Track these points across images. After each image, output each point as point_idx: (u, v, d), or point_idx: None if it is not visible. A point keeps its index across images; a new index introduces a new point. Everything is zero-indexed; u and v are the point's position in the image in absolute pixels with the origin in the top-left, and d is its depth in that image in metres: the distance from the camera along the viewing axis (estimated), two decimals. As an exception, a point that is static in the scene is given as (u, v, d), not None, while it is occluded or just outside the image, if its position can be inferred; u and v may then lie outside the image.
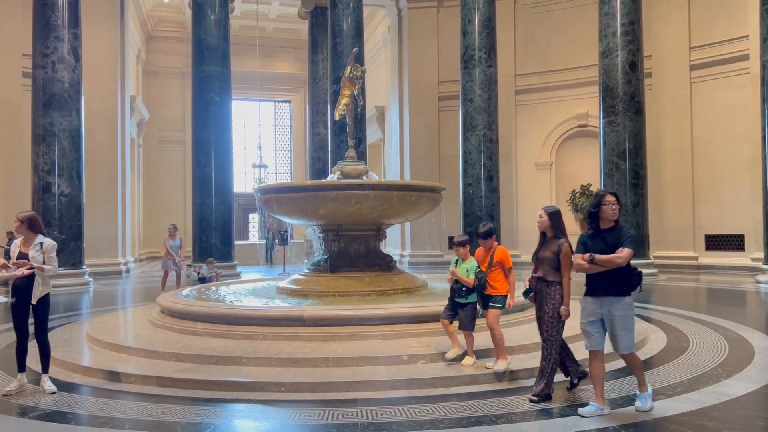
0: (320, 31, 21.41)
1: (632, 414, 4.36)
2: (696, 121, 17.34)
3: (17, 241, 5.37)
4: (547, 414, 4.44)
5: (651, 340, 6.89)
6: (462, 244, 5.85)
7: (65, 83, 14.33)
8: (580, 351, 5.25)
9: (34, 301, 5.20)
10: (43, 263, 5.19)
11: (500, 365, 5.33)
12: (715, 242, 17.00)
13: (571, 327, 5.37)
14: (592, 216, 4.60)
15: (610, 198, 4.51)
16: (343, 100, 9.31)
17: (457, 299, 5.69)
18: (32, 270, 5.15)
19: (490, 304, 5.48)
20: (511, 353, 5.85)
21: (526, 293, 5.22)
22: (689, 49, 17.35)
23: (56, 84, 14.26)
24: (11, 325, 5.33)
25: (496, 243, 5.71)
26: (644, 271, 14.75)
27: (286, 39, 30.71)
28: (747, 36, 15.81)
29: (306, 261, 15.36)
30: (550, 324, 4.86)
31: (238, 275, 15.65)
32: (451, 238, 19.25)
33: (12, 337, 7.87)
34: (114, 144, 18.98)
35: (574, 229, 20.25)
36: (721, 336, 7.23)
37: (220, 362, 5.64)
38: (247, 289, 9.53)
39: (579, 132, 19.88)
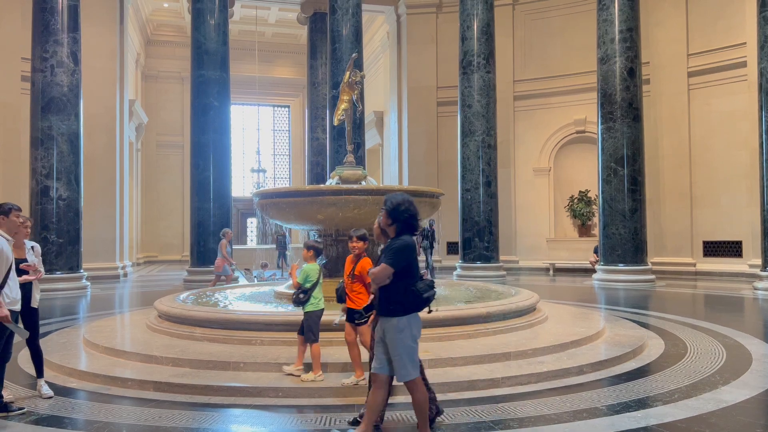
0: (319, 37, 21.47)
1: (626, 421, 4.36)
2: (694, 127, 17.40)
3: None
4: (545, 420, 4.43)
5: (649, 347, 6.89)
6: (308, 247, 5.53)
7: (64, 87, 14.33)
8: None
9: (36, 305, 5.19)
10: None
11: (351, 379, 5.09)
12: (713, 248, 17.03)
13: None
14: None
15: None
16: (342, 105, 9.32)
17: (295, 305, 5.38)
18: (41, 274, 5.20)
19: (355, 318, 4.99)
20: (509, 359, 5.85)
21: (367, 309, 4.82)
22: (687, 55, 17.43)
23: (55, 88, 14.26)
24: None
25: (365, 253, 5.11)
26: (642, 277, 14.94)
27: (285, 44, 30.79)
28: (745, 43, 15.88)
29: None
30: None
31: (236, 280, 15.62)
32: (449, 244, 19.11)
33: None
34: (113, 148, 18.98)
35: (573, 235, 20.29)
36: (719, 342, 7.23)
37: (218, 367, 5.62)
38: (245, 294, 9.52)
39: (577, 138, 19.93)
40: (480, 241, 16.75)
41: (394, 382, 4.02)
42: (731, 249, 16.68)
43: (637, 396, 4.99)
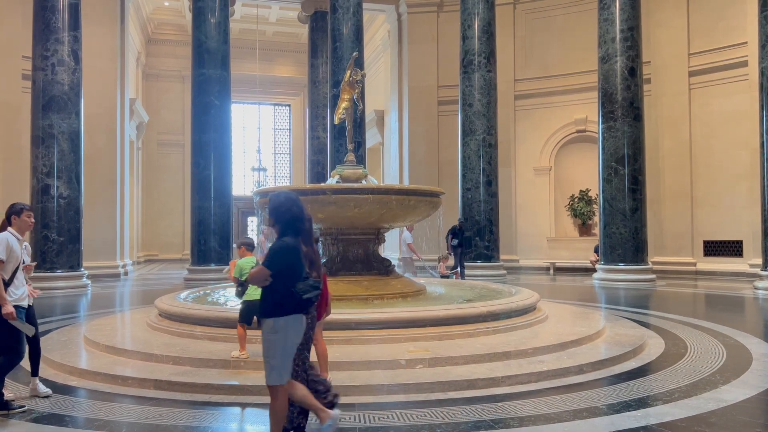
0: (320, 35, 21.46)
1: (626, 420, 4.36)
2: (695, 127, 17.39)
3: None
4: (545, 419, 4.44)
5: (649, 346, 6.89)
6: (239, 245, 6.01)
7: (65, 86, 14.34)
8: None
9: (30, 302, 5.20)
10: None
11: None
12: (714, 248, 17.03)
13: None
14: None
15: None
16: (343, 104, 9.32)
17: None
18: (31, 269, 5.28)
19: None
20: (509, 358, 5.85)
21: None
22: (688, 55, 17.42)
23: (56, 86, 14.27)
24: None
25: None
26: (642, 276, 14.95)
27: (286, 43, 30.78)
28: (746, 42, 15.88)
29: None
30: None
31: None
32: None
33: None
34: (113, 146, 18.99)
35: (573, 234, 20.29)
36: (719, 342, 7.23)
37: (218, 366, 5.63)
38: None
39: (578, 137, 19.92)
40: (480, 240, 16.76)
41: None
42: (732, 249, 16.67)
43: (637, 395, 4.99)
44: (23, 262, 5.15)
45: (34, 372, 5.21)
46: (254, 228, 32.58)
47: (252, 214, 31.15)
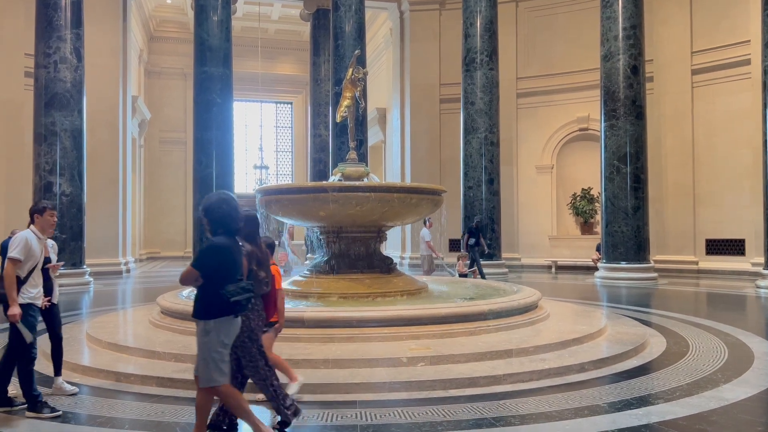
0: (322, 33, 21.45)
1: (627, 419, 4.36)
2: (697, 125, 17.37)
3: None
4: (546, 417, 4.44)
5: (650, 344, 6.89)
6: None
7: (67, 83, 14.35)
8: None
9: (56, 300, 5.30)
10: None
11: (293, 387, 4.80)
12: (716, 247, 17.01)
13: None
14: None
15: None
16: (345, 102, 9.32)
17: None
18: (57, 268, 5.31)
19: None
20: (511, 356, 5.86)
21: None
22: (691, 53, 17.39)
23: (58, 84, 14.28)
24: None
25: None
26: (644, 275, 14.94)
27: (288, 40, 30.76)
28: (749, 41, 15.84)
29: (306, 262, 15.33)
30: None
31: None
32: (451, 241, 18.97)
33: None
34: (115, 144, 19.01)
35: (575, 233, 20.27)
36: (721, 341, 7.23)
37: (220, 363, 5.64)
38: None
39: (580, 135, 19.90)
40: (483, 237, 16.73)
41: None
42: (734, 247, 16.66)
43: (638, 393, 4.99)
44: (49, 261, 5.17)
45: (57, 371, 5.19)
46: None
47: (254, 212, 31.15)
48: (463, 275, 13.23)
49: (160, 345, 6.27)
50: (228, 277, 3.67)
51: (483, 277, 14.51)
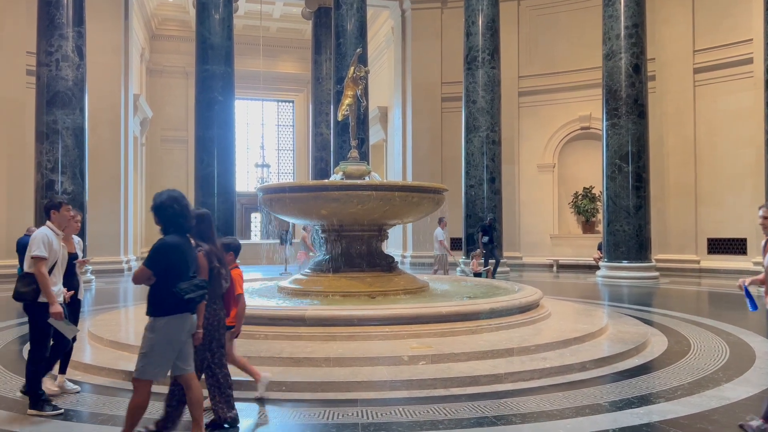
0: (324, 32, 21.43)
1: (628, 417, 4.36)
2: (699, 124, 17.34)
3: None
4: (547, 416, 4.44)
5: (652, 344, 6.89)
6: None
7: (69, 81, 14.35)
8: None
9: (81, 296, 5.34)
10: None
11: (260, 388, 4.84)
12: (718, 246, 16.99)
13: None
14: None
15: None
16: (346, 101, 9.32)
17: None
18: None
19: None
20: (512, 355, 5.86)
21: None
22: (693, 52, 17.36)
23: (60, 82, 14.27)
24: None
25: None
26: (646, 274, 14.88)
27: (290, 39, 30.72)
28: (751, 39, 15.80)
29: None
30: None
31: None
32: (453, 240, 18.90)
33: (10, 335, 7.91)
34: (117, 142, 19.02)
35: (577, 232, 20.26)
36: (722, 340, 7.23)
37: (221, 361, 5.64)
38: (248, 289, 9.54)
39: (582, 134, 19.87)
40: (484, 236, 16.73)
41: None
42: (736, 246, 16.63)
43: (639, 392, 4.99)
44: (77, 257, 5.16)
45: (62, 369, 5.19)
46: (258, 224, 32.65)
47: (255, 211, 31.19)
48: (477, 274, 13.08)
49: (162, 343, 6.27)
50: (180, 274, 3.71)
51: (494, 275, 14.36)
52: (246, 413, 4.60)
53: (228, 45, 16.53)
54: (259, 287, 9.73)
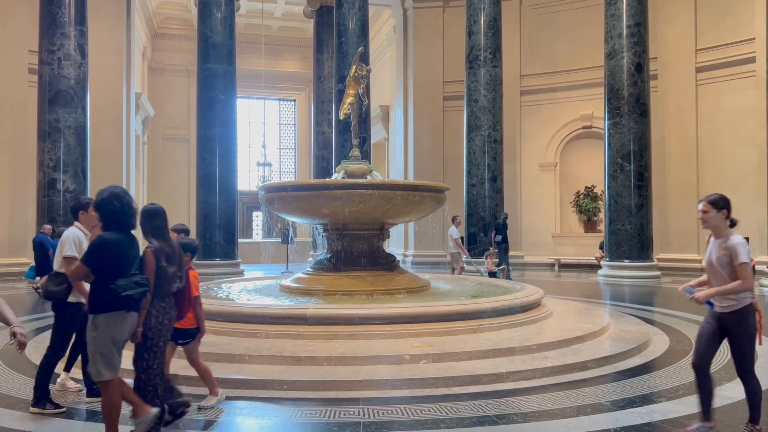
0: (325, 30, 21.43)
1: (630, 417, 4.36)
2: (701, 123, 17.30)
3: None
4: (549, 415, 4.44)
5: (653, 343, 6.88)
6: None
7: (71, 80, 14.38)
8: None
9: None
10: None
11: (211, 400, 4.71)
12: (720, 245, 16.92)
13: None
14: None
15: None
16: (348, 100, 9.33)
17: None
18: None
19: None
20: (513, 354, 5.86)
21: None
22: (695, 51, 17.31)
23: (62, 80, 14.30)
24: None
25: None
26: (647, 273, 14.85)
27: (292, 38, 30.72)
28: (753, 38, 15.75)
29: (309, 260, 15.33)
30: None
31: (241, 273, 15.69)
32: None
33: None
34: (119, 141, 19.03)
35: (578, 231, 20.24)
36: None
37: (223, 360, 5.65)
38: (250, 287, 9.56)
39: (584, 133, 19.85)
40: (485, 236, 16.73)
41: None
42: (738, 246, 16.57)
43: (641, 392, 4.99)
44: None
45: (68, 367, 5.20)
46: (260, 223, 32.67)
47: (257, 209, 31.23)
48: (492, 274, 12.97)
49: (164, 341, 6.28)
50: (119, 272, 3.67)
51: (508, 275, 14.25)
52: (244, 411, 4.61)
53: (230, 43, 16.55)
54: (261, 285, 9.74)
